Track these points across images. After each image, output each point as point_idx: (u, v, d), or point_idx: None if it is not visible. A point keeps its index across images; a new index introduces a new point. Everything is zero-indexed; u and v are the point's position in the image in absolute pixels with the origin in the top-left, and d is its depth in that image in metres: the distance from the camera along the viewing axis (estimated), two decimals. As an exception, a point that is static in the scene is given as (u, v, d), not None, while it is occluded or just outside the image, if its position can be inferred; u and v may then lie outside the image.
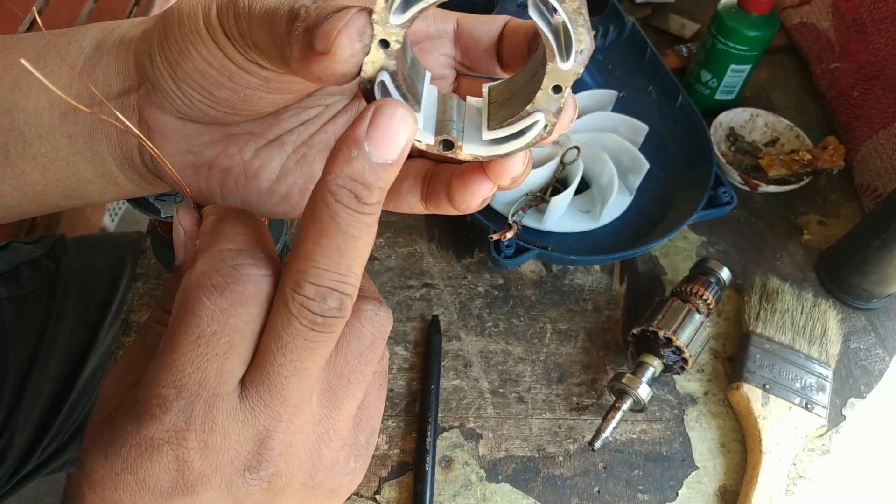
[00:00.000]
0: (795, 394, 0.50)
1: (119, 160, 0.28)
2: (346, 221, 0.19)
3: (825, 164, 0.64)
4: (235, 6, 0.22)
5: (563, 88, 0.22)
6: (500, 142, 0.23)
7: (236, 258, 0.21)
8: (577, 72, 0.22)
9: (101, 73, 0.27)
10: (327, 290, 0.19)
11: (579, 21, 0.21)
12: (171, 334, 0.20)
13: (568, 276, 0.58)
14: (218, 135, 0.27)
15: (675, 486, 0.48)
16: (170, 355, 0.20)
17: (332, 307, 0.20)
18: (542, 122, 0.23)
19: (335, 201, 0.19)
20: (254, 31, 0.22)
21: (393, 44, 0.21)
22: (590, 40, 0.21)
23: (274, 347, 0.20)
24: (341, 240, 0.19)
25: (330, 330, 0.20)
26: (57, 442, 0.65)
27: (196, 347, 0.20)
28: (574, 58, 0.21)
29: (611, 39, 0.69)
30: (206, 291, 0.20)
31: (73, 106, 0.26)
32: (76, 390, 0.64)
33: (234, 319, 0.20)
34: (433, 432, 0.47)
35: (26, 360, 0.61)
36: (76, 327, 0.65)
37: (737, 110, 0.69)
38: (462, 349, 0.53)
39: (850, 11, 0.70)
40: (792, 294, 0.55)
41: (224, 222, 0.22)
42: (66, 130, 0.27)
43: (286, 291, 0.20)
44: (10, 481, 0.62)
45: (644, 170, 0.57)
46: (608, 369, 0.53)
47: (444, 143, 0.23)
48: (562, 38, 0.21)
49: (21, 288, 0.63)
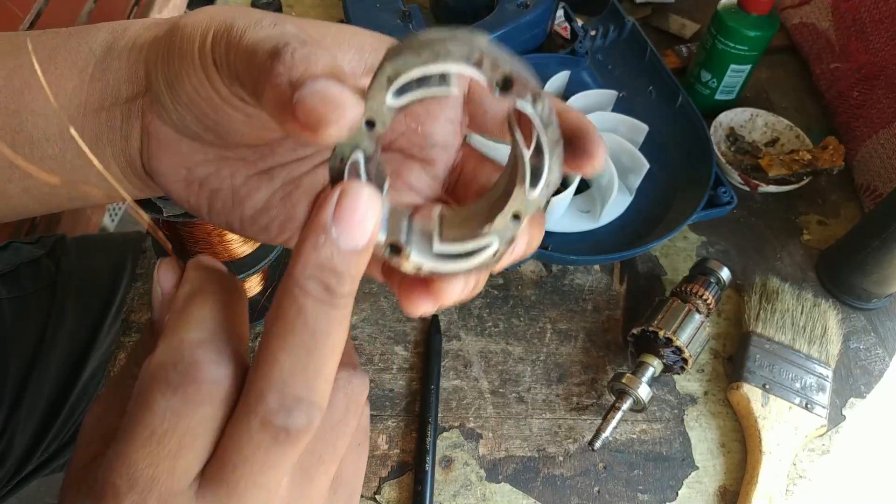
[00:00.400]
0: (795, 394, 0.50)
1: (122, 165, 0.28)
2: (315, 317, 0.18)
3: (825, 164, 0.64)
4: (229, 35, 0.22)
5: (521, 217, 0.22)
6: (448, 258, 0.22)
7: (195, 353, 0.19)
8: (540, 204, 0.21)
9: (111, 77, 0.27)
10: (293, 401, 0.18)
11: (556, 153, 0.21)
12: (128, 423, 0.19)
13: (568, 276, 0.58)
14: (212, 155, 0.28)
15: (675, 486, 0.48)
16: (125, 444, 0.19)
17: (299, 422, 0.18)
18: (494, 246, 0.22)
19: (302, 294, 0.18)
20: (238, 62, 0.22)
21: (378, 126, 0.20)
22: (559, 176, 0.21)
23: (234, 457, 0.19)
24: (309, 338, 0.18)
25: (295, 444, 0.19)
26: (57, 442, 0.65)
27: (148, 444, 0.19)
28: (541, 188, 0.21)
29: (611, 39, 0.69)
30: (161, 388, 0.19)
31: (81, 111, 0.27)
32: (77, 391, 0.64)
33: (186, 421, 0.19)
34: (433, 432, 0.47)
35: (27, 360, 0.61)
36: (77, 327, 0.65)
37: (737, 110, 0.69)
38: (462, 349, 0.53)
39: (850, 11, 0.70)
40: (792, 294, 0.55)
41: (195, 300, 0.21)
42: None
43: (249, 399, 0.18)
44: (10, 481, 0.62)
45: (644, 170, 0.58)
46: (608, 369, 0.53)
47: (391, 246, 0.22)
48: (536, 167, 0.21)
49: (21, 288, 0.63)
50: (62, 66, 0.27)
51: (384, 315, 0.54)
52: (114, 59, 0.27)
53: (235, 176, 0.28)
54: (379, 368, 0.51)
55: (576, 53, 0.67)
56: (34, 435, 0.62)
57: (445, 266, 0.22)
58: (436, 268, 0.22)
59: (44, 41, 0.28)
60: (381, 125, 0.20)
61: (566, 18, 0.71)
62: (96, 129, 0.27)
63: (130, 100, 0.27)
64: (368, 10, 0.63)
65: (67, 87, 0.27)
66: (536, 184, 0.21)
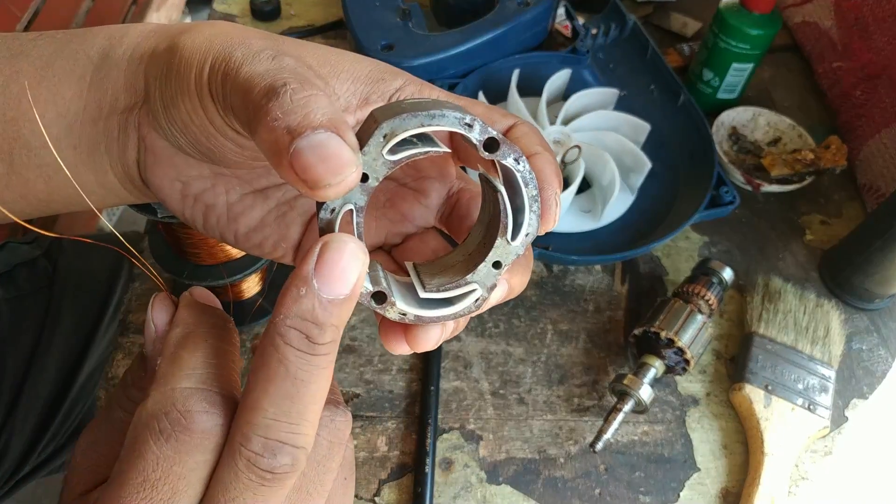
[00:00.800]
0: (798, 395, 0.50)
1: (119, 174, 0.28)
2: (296, 365, 0.19)
3: (828, 163, 0.64)
4: (226, 66, 0.22)
5: (502, 266, 0.23)
6: (433, 305, 0.24)
7: (187, 402, 0.20)
8: (519, 252, 0.23)
9: (109, 86, 0.26)
10: (277, 444, 0.19)
11: (534, 207, 0.22)
12: (120, 468, 0.20)
13: (569, 277, 0.58)
14: (207, 171, 0.28)
15: (676, 487, 0.48)
16: (118, 490, 0.20)
17: (284, 463, 0.19)
18: (478, 292, 0.23)
19: (283, 344, 0.19)
20: (234, 96, 0.22)
21: (371, 180, 0.21)
22: (537, 227, 0.23)
23: (223, 499, 0.19)
24: (291, 385, 0.19)
25: (281, 484, 0.19)
26: (55, 444, 0.64)
27: (141, 490, 0.19)
28: (521, 239, 0.23)
29: (612, 38, 0.69)
30: (154, 435, 0.19)
31: (79, 119, 0.26)
32: (74, 391, 0.64)
33: (178, 467, 0.19)
34: (433, 434, 0.47)
35: (24, 361, 0.61)
36: (74, 328, 0.65)
37: (739, 109, 0.69)
38: (462, 350, 0.53)
39: (853, 10, 0.69)
40: (794, 294, 0.55)
41: (186, 346, 0.22)
42: (71, 142, 0.27)
43: (235, 443, 0.19)
44: (7, 483, 0.61)
45: (646, 169, 0.57)
46: (609, 370, 0.53)
47: (376, 295, 0.22)
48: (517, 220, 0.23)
49: (18, 289, 0.63)
50: (60, 73, 0.26)
51: (384, 315, 0.54)
52: (112, 68, 0.26)
53: (230, 193, 0.28)
54: (378, 370, 0.51)
55: (577, 52, 0.67)
56: (31, 436, 0.62)
57: (431, 313, 0.23)
58: (421, 314, 0.23)
59: (40, 46, 0.27)
60: (375, 180, 0.21)
61: (567, 16, 0.70)
62: (94, 138, 0.27)
63: (128, 110, 0.27)
64: (368, 8, 0.63)
65: (66, 94, 0.26)
66: (517, 235, 0.23)
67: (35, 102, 0.26)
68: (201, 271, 0.45)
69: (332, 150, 0.19)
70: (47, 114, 0.26)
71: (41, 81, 0.26)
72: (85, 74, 0.26)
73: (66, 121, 0.27)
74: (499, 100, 0.62)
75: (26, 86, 0.26)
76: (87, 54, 0.27)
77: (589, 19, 0.70)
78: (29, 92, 0.26)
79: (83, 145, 0.27)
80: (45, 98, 0.26)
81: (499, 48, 0.63)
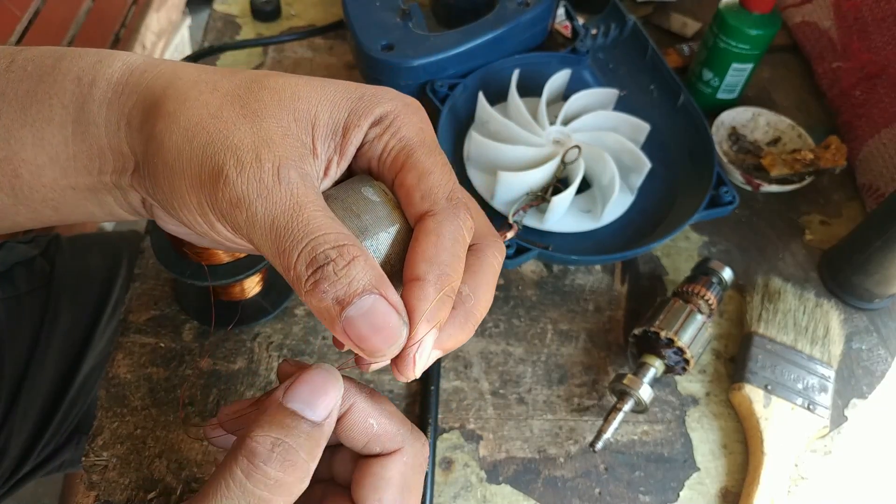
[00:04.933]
0: (797, 394, 0.50)
1: (125, 208, 0.28)
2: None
3: (827, 163, 0.64)
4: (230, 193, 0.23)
5: None
6: None
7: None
8: None
9: (94, 143, 0.26)
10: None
11: None
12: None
13: (569, 277, 0.58)
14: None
15: (676, 487, 0.48)
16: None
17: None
18: None
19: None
20: (255, 236, 0.23)
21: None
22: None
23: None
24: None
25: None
26: (54, 443, 0.64)
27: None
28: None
29: (612, 38, 0.69)
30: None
31: (72, 165, 0.26)
32: (73, 391, 0.64)
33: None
34: (433, 433, 0.47)
35: (22, 360, 0.61)
36: (72, 327, 0.64)
37: (738, 109, 0.69)
38: (462, 350, 0.53)
39: (852, 10, 0.69)
40: (794, 294, 0.55)
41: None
42: (70, 184, 0.27)
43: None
44: (7, 482, 0.61)
45: (646, 169, 0.57)
46: (609, 370, 0.53)
47: None
48: None
49: (16, 288, 0.63)
50: (39, 119, 0.26)
51: (384, 315, 0.54)
52: (90, 124, 0.25)
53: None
54: (378, 369, 0.51)
55: (577, 52, 0.67)
56: (31, 436, 0.62)
57: None
58: None
59: (14, 84, 0.26)
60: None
61: (567, 17, 0.70)
62: (92, 185, 0.27)
63: (120, 171, 0.26)
64: (368, 8, 0.63)
65: (52, 140, 0.26)
66: None
67: (23, 144, 0.25)
68: (203, 271, 0.45)
69: (380, 317, 0.22)
70: (38, 157, 0.26)
71: (23, 125, 0.25)
72: (65, 123, 0.25)
73: (59, 165, 0.26)
74: (499, 100, 0.62)
75: (10, 128, 0.26)
76: (62, 102, 0.26)
77: (589, 19, 0.70)
78: (14, 135, 0.26)
79: (81, 188, 0.27)
80: (31, 141, 0.25)
81: (499, 48, 0.63)
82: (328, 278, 0.22)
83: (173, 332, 0.51)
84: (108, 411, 0.47)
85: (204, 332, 0.51)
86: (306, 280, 0.22)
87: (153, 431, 0.46)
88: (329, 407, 0.25)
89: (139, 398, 0.47)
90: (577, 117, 0.60)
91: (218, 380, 0.49)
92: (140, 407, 0.47)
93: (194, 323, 0.51)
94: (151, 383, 0.48)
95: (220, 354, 0.50)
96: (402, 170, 0.26)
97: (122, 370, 0.49)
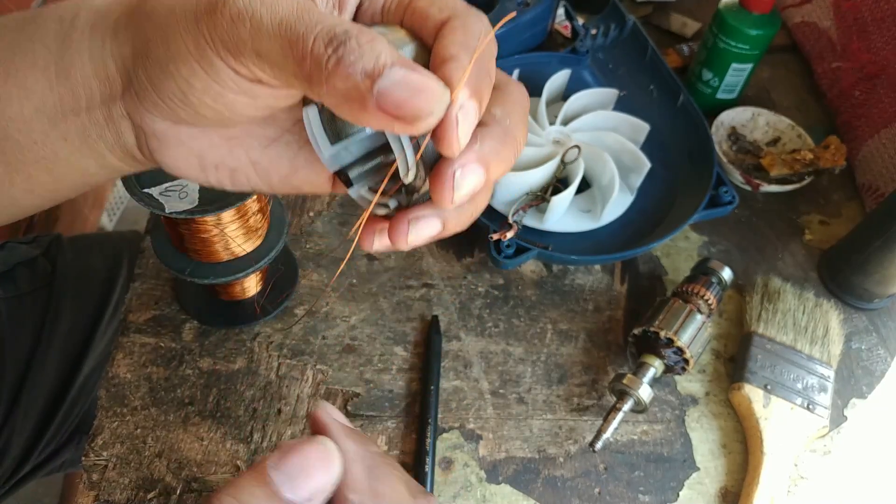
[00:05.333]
0: (797, 394, 0.50)
1: (120, 156, 0.27)
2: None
3: (827, 163, 0.64)
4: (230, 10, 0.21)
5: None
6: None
7: None
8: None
9: (78, 75, 0.25)
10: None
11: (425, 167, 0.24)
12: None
13: (568, 277, 0.58)
14: (217, 138, 0.27)
15: (676, 487, 0.48)
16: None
17: None
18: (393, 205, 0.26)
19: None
20: (262, 42, 0.21)
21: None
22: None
23: None
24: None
25: None
26: (55, 443, 0.64)
27: None
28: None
29: (612, 38, 0.69)
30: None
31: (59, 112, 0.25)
32: (74, 390, 0.64)
33: None
34: (433, 433, 0.47)
35: (23, 360, 0.61)
36: (73, 327, 0.65)
37: (738, 109, 0.69)
38: (462, 350, 0.53)
39: (851, 11, 0.69)
40: (793, 294, 0.55)
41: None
42: (60, 134, 0.26)
43: None
44: (8, 482, 0.61)
45: (645, 169, 0.57)
46: (609, 370, 0.53)
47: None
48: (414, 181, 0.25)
49: (17, 288, 0.63)
50: (22, 68, 0.25)
51: (384, 315, 0.54)
52: (73, 56, 0.25)
53: (251, 152, 0.27)
54: (378, 369, 0.51)
55: (577, 52, 0.67)
56: (31, 435, 0.62)
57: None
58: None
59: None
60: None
61: (567, 17, 0.70)
62: (82, 129, 0.26)
63: (109, 100, 0.25)
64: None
65: (36, 88, 0.25)
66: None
67: (8, 100, 0.25)
68: (203, 269, 0.45)
69: (420, 81, 0.19)
70: (24, 109, 0.25)
71: (7, 79, 0.25)
72: (48, 66, 0.25)
73: (45, 115, 0.25)
74: (498, 100, 0.62)
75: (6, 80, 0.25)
76: (44, 42, 0.25)
77: (589, 19, 0.70)
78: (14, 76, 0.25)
79: (72, 136, 0.26)
80: (16, 94, 0.25)
81: (498, 48, 0.63)
82: (353, 51, 0.20)
83: (173, 332, 0.51)
84: (108, 411, 0.47)
85: (204, 331, 0.51)
86: (327, 60, 0.20)
87: (153, 431, 0.46)
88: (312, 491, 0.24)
89: (139, 398, 0.48)
90: (576, 117, 0.60)
91: (218, 380, 0.49)
92: (140, 407, 0.47)
93: (194, 323, 0.52)
94: (151, 383, 0.48)
95: (220, 354, 0.50)
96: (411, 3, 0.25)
97: (122, 370, 0.49)
